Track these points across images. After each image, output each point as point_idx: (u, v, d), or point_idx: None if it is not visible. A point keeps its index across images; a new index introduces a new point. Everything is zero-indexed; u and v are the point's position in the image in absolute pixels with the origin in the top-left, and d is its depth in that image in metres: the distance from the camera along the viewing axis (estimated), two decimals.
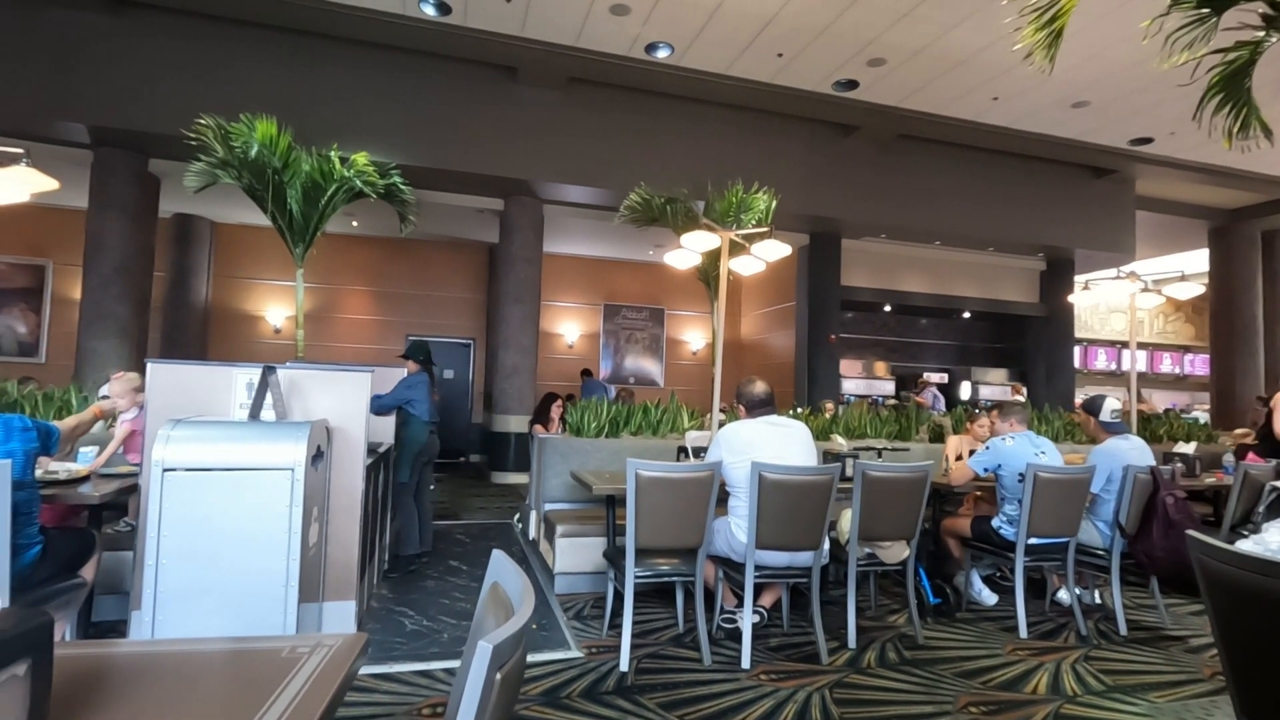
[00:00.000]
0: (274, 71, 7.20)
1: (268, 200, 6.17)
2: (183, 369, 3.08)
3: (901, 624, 3.65)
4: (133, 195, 7.50)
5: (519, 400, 8.66)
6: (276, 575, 2.59)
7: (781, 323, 11.25)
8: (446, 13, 6.73)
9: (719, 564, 3.32)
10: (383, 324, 11.09)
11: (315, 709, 0.97)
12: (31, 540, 2.41)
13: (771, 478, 3.02)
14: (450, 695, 1.17)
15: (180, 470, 2.52)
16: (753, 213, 6.98)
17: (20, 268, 9.39)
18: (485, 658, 0.76)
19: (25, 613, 0.80)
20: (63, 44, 6.64)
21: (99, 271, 7.32)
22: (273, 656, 1.16)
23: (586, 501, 4.46)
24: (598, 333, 12.13)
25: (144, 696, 1.02)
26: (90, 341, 7.27)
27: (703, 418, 5.23)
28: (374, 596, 3.86)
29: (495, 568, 1.18)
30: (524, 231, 8.80)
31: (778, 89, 8.00)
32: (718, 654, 3.15)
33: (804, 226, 9.79)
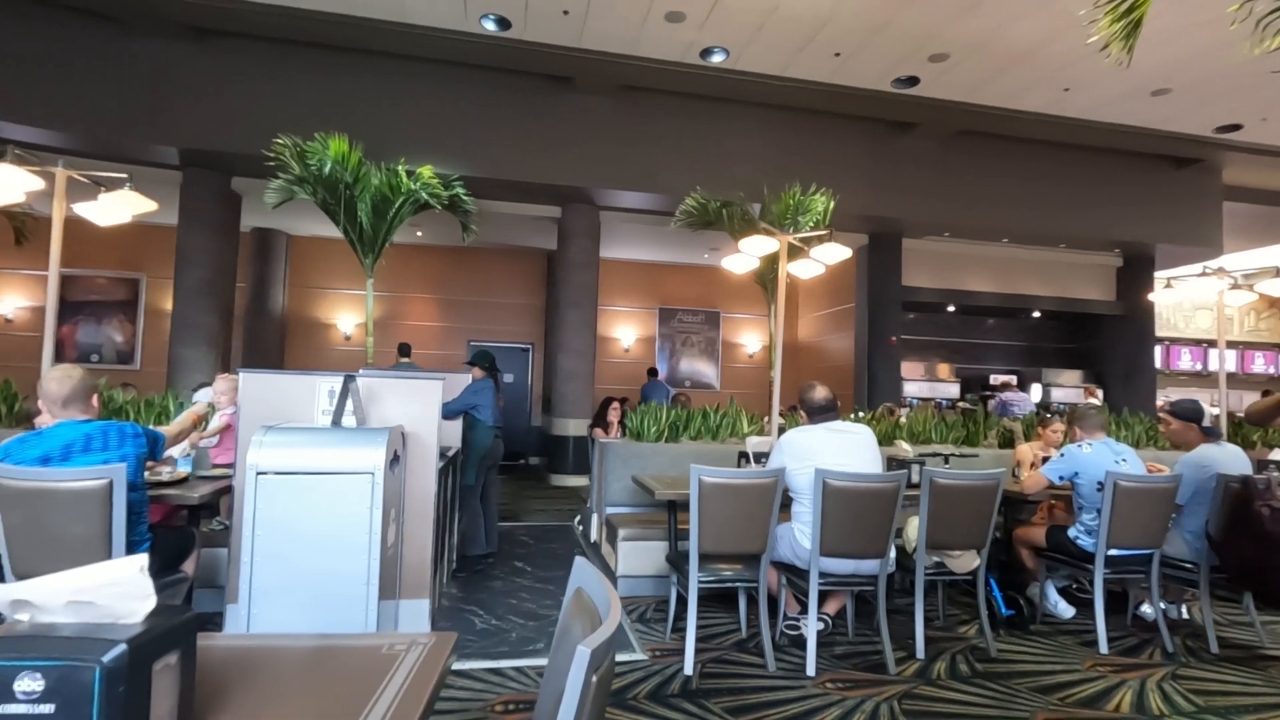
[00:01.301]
0: (345, 91, 7.53)
1: (340, 214, 6.48)
2: (271, 378, 3.27)
3: (972, 635, 3.56)
4: (217, 212, 7.97)
5: (577, 404, 8.79)
6: (358, 574, 2.73)
7: (840, 325, 11.06)
8: (506, 27, 6.91)
9: (782, 570, 3.31)
10: (446, 330, 11.44)
11: (418, 703, 1.04)
12: (142, 537, 2.61)
13: (835, 484, 3.00)
14: (540, 696, 1.23)
15: (271, 473, 2.68)
16: (810, 214, 6.92)
17: (118, 281, 10.10)
18: (584, 661, 0.80)
19: (176, 609, 0.90)
20: (155, 72, 7.12)
21: (187, 284, 7.81)
22: (373, 652, 1.25)
23: (647, 505, 4.51)
24: (653, 336, 12.19)
25: (266, 685, 1.11)
26: (180, 350, 7.76)
27: (762, 422, 5.20)
28: (444, 595, 4.01)
29: (578, 574, 1.23)
30: (581, 238, 8.94)
31: (835, 88, 7.89)
32: (782, 661, 3.14)
33: (863, 227, 9.62)
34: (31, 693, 0.76)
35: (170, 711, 0.86)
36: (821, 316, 11.83)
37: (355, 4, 6.62)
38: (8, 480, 2.35)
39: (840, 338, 11.01)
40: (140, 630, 0.82)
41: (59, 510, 2.38)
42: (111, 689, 0.77)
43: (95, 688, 0.77)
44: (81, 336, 10.00)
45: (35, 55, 6.72)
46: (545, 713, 1.09)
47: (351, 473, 2.72)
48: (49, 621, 0.83)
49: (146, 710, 0.82)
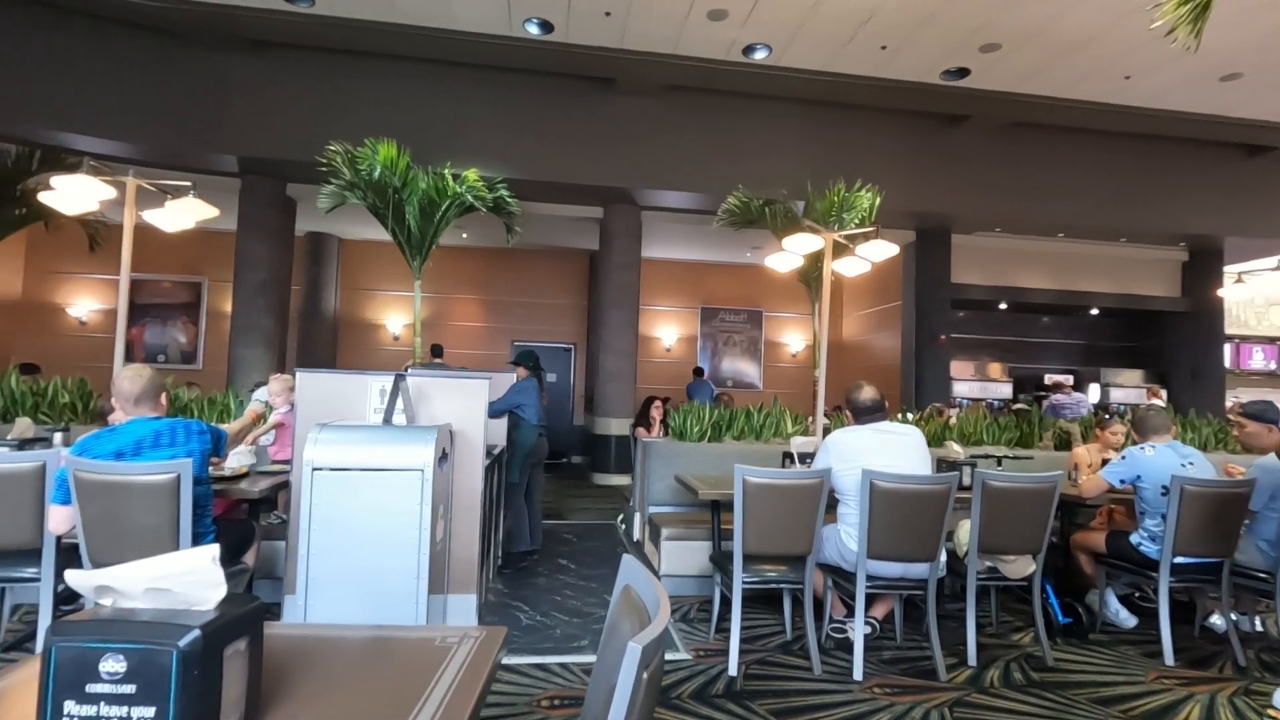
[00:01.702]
0: (393, 97, 7.73)
1: (389, 217, 6.65)
2: (326, 377, 3.38)
3: (1027, 643, 3.45)
4: (273, 217, 8.28)
5: (619, 403, 8.83)
6: (408, 568, 2.80)
7: (886, 323, 10.84)
8: (549, 30, 6.98)
9: (828, 572, 3.27)
10: (490, 330, 11.63)
11: (470, 695, 1.06)
12: (207, 529, 2.73)
13: (883, 486, 2.95)
14: (589, 693, 1.24)
15: (326, 470, 2.77)
16: (855, 211, 6.80)
17: (181, 285, 10.57)
18: (635, 658, 0.81)
19: (244, 598, 0.94)
20: (215, 84, 7.43)
21: (246, 287, 8.12)
22: (427, 645, 1.28)
23: (690, 505, 4.51)
24: (695, 335, 12.16)
25: (325, 673, 1.15)
26: (239, 350, 8.08)
27: (806, 422, 5.14)
28: (490, 591, 4.08)
29: (626, 571, 1.24)
30: (623, 238, 8.97)
31: (881, 82, 7.73)
32: (828, 664, 3.10)
33: (910, 223, 9.40)
34: (115, 673, 0.81)
35: (240, 695, 0.90)
36: (866, 315, 11.62)
37: (404, 13, 6.79)
38: (85, 474, 2.48)
39: (886, 336, 10.80)
40: (213, 617, 0.86)
41: (131, 502, 2.50)
42: (187, 672, 0.81)
43: (172, 670, 0.81)
44: (149, 338, 10.51)
45: (106, 71, 7.08)
46: (595, 709, 1.10)
47: (402, 470, 2.79)
48: (129, 606, 0.88)
49: (218, 693, 0.86)
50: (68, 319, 10.42)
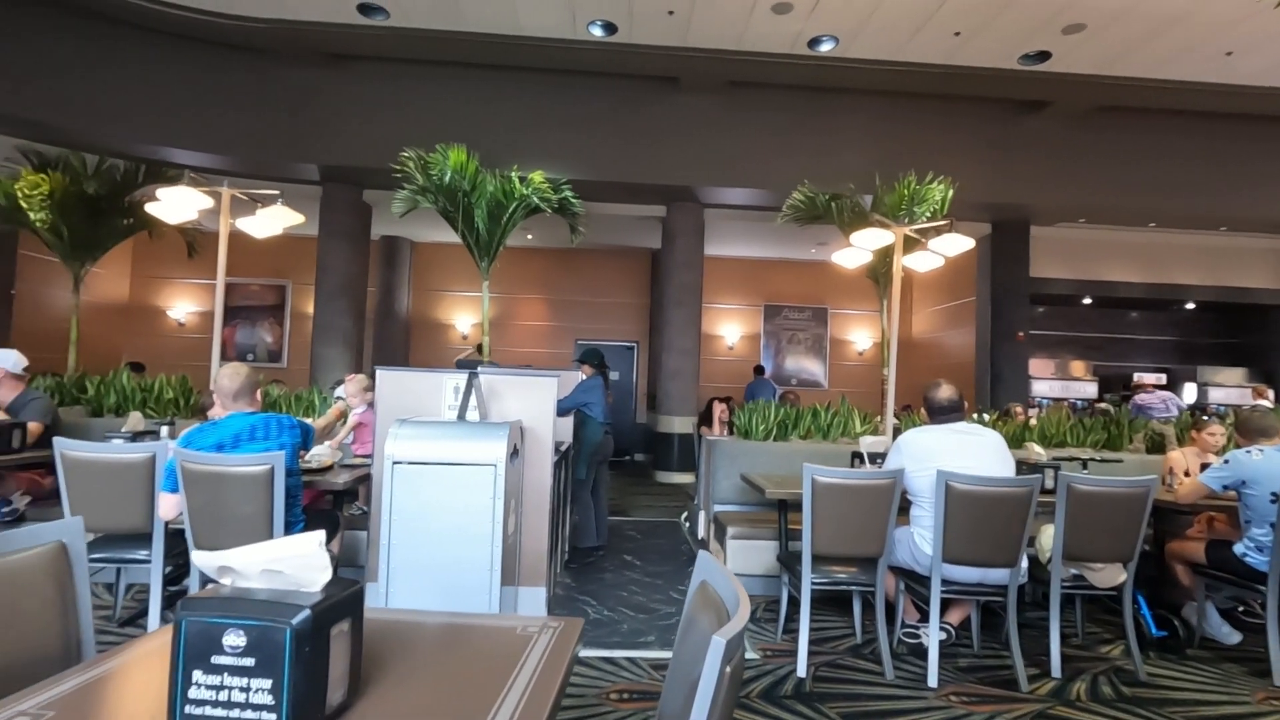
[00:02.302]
0: (462, 103, 7.96)
1: (458, 220, 6.85)
2: (404, 374, 3.53)
3: (1116, 656, 3.28)
4: (351, 223, 8.66)
5: (682, 402, 8.83)
6: (482, 560, 2.89)
7: (958, 320, 10.45)
8: (613, 32, 7.05)
9: (900, 576, 3.19)
10: (554, 329, 11.83)
11: (553, 683, 1.10)
12: (297, 518, 2.89)
13: (960, 488, 2.85)
14: (666, 687, 1.26)
15: (405, 463, 2.90)
16: (927, 205, 6.56)
17: (268, 288, 11.20)
18: (719, 652, 0.82)
19: (346, 582, 1.00)
20: (298, 97, 7.83)
21: (326, 289, 8.54)
22: (509, 633, 1.33)
23: (756, 504, 4.47)
24: (758, 333, 12.03)
25: (416, 655, 1.21)
26: (321, 349, 8.50)
27: (875, 421, 5.02)
28: (558, 584, 4.16)
29: (703, 568, 1.25)
30: (686, 236, 8.96)
31: (954, 70, 7.46)
32: (900, 669, 3.03)
33: (985, 215, 9.02)
34: (236, 647, 0.88)
35: (343, 673, 0.96)
36: (938, 311, 11.22)
37: (471, 22, 6.98)
38: (190, 465, 2.68)
39: (959, 334, 10.40)
40: (321, 598, 0.92)
41: (230, 491, 2.68)
42: (299, 648, 0.88)
43: (286, 646, 0.87)
44: (239, 338, 11.18)
45: (201, 89, 7.57)
46: (674, 704, 1.12)
47: (476, 464, 2.88)
48: (246, 586, 0.95)
49: (326, 669, 0.92)
50: (168, 321, 11.21)
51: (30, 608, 1.28)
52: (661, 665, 3.02)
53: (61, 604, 1.33)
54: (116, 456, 2.92)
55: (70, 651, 1.32)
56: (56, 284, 9.01)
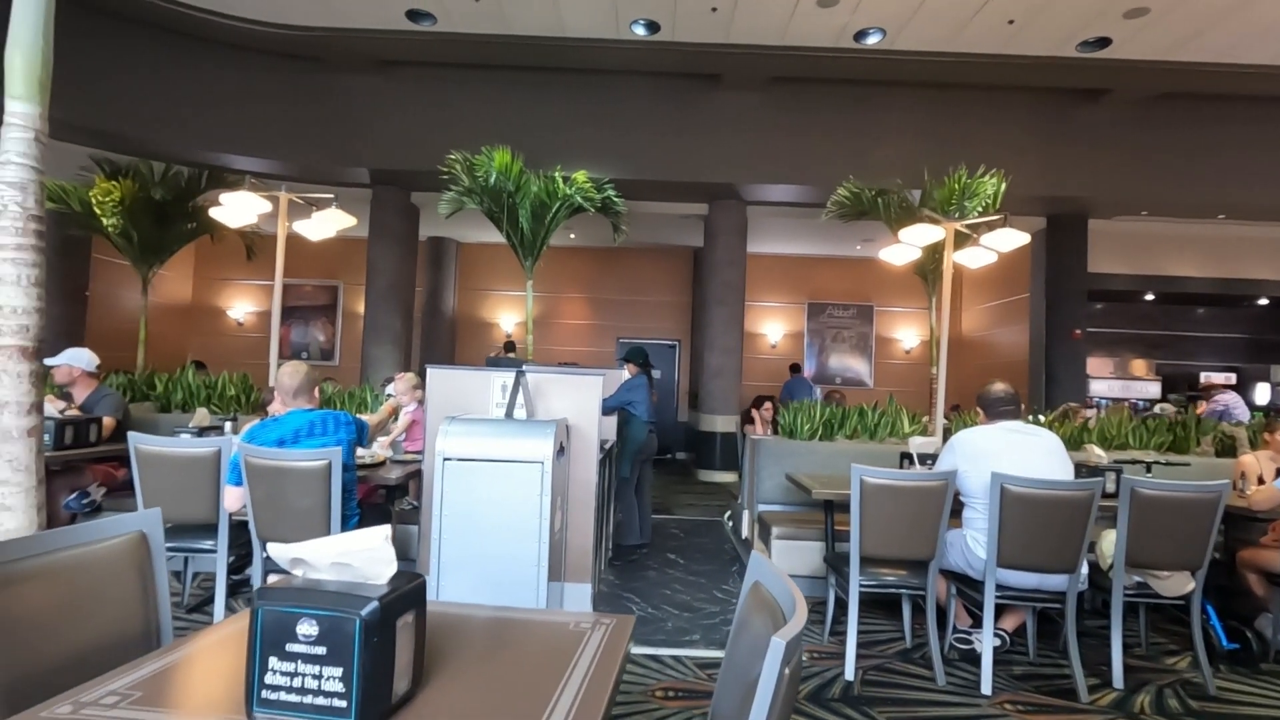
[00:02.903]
0: (506, 105, 8.07)
1: (503, 220, 6.96)
2: (453, 373, 3.60)
3: (1183, 668, 3.14)
4: (400, 225, 8.88)
5: (724, 400, 8.79)
6: (529, 555, 2.93)
7: (1011, 317, 10.13)
8: (655, 30, 7.05)
9: (952, 579, 3.11)
10: (596, 328, 11.90)
11: (607, 680, 1.11)
12: (353, 512, 2.99)
13: (1016, 490, 2.77)
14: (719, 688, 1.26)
15: (455, 460, 2.96)
16: (978, 199, 6.39)
17: (320, 288, 11.56)
18: (779, 653, 0.82)
19: (411, 575, 1.03)
20: (349, 103, 8.06)
21: (376, 290, 8.77)
22: (563, 628, 1.35)
23: (801, 504, 4.43)
24: (802, 331, 11.89)
25: (473, 647, 1.24)
26: (371, 348, 8.74)
27: (924, 421, 4.91)
28: (602, 581, 4.19)
29: (756, 568, 1.25)
30: (728, 235, 8.91)
31: (1007, 59, 7.22)
32: (952, 675, 2.96)
33: (1040, 209, 8.73)
34: (309, 635, 0.92)
35: (408, 662, 0.99)
36: (989, 308, 10.91)
37: (516, 25, 7.07)
38: (254, 459, 2.79)
39: (1011, 331, 10.09)
40: (388, 590, 0.96)
41: (291, 485, 2.78)
42: (368, 638, 0.91)
43: (356, 636, 0.91)
44: (294, 337, 11.56)
45: (258, 97, 7.86)
46: (729, 704, 1.12)
47: (524, 461, 2.93)
48: (316, 578, 0.99)
49: (392, 659, 0.95)
50: (228, 320, 11.67)
51: (115, 593, 1.35)
52: (707, 664, 3.02)
53: (143, 590, 1.40)
54: (185, 451, 3.06)
55: (151, 635, 1.40)
56: (126, 286, 9.47)
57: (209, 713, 0.97)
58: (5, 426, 1.99)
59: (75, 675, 1.16)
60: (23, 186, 1.96)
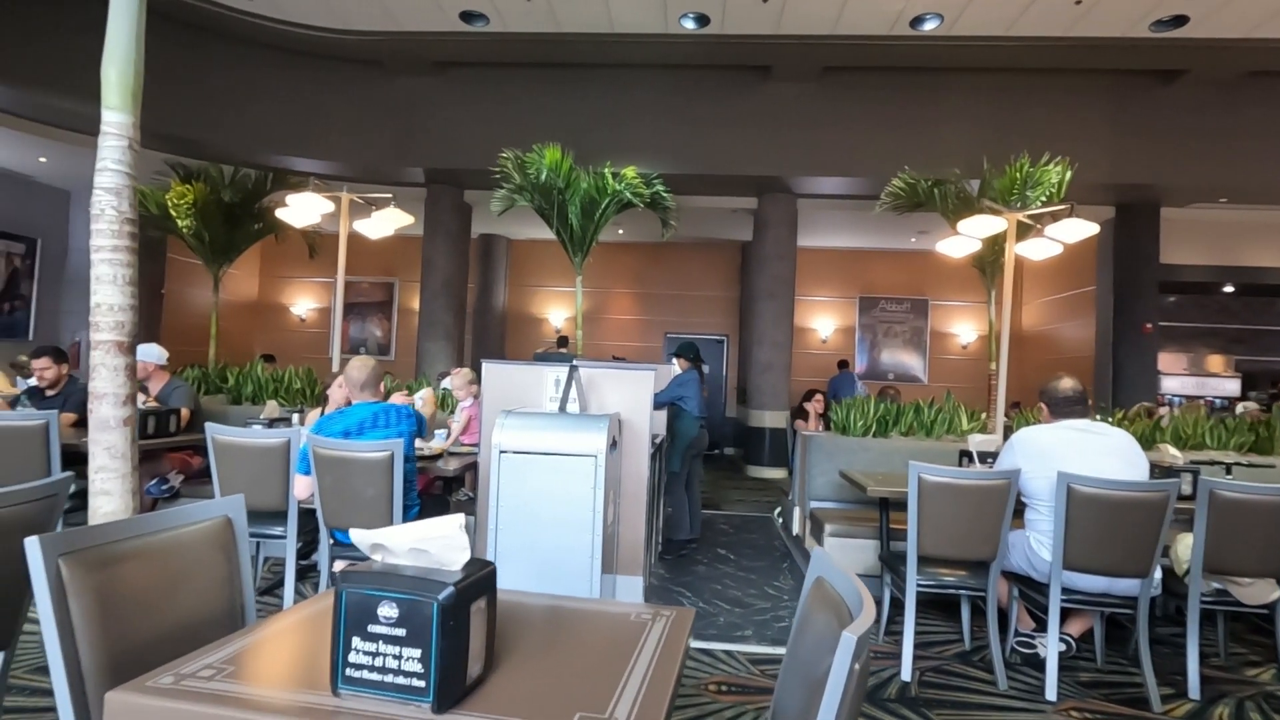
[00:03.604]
0: (556, 102, 8.15)
1: (553, 217, 7.04)
2: (508, 368, 3.67)
3: (1266, 681, 2.98)
4: (453, 223, 9.07)
5: (774, 396, 8.71)
6: (583, 547, 2.98)
7: (1076, 311, 9.73)
8: (705, 24, 7.01)
9: (1014, 581, 3.02)
10: (644, 323, 11.94)
11: (671, 671, 1.13)
12: (413, 502, 3.08)
13: (1084, 491, 2.67)
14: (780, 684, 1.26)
15: (511, 452, 3.02)
16: (1041, 188, 6.16)
17: (377, 285, 11.93)
18: (850, 648, 0.82)
19: (482, 562, 1.06)
20: (405, 104, 8.27)
21: (431, 286, 8.99)
22: (624, 619, 1.37)
23: (854, 502, 4.36)
24: (853, 326, 11.67)
25: (539, 633, 1.27)
26: (425, 343, 8.97)
27: (983, 418, 4.77)
28: (653, 575, 4.22)
29: (818, 564, 1.25)
30: (778, 228, 8.81)
31: (1073, 42, 6.92)
32: (1014, 679, 2.88)
33: (1108, 198, 8.35)
34: (390, 618, 0.96)
35: (481, 647, 1.03)
36: (1051, 302, 10.50)
37: (566, 23, 7.13)
38: (321, 450, 2.91)
39: (1076, 325, 9.69)
40: (462, 576, 0.99)
41: (356, 475, 2.89)
42: (445, 622, 0.95)
43: (434, 619, 0.94)
44: (352, 332, 11.96)
45: (320, 101, 8.14)
46: (793, 701, 1.13)
47: (577, 454, 2.97)
48: (395, 563, 1.04)
49: (466, 642, 0.98)
50: (291, 317, 12.14)
51: (204, 573, 1.44)
52: (760, 660, 3.02)
53: (228, 571, 1.48)
54: (257, 441, 3.21)
55: (236, 614, 1.48)
56: (198, 284, 9.96)
57: (297, 688, 1.02)
58: (104, 416, 2.13)
59: (170, 649, 1.24)
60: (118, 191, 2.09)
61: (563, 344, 8.92)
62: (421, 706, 0.95)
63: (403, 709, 0.95)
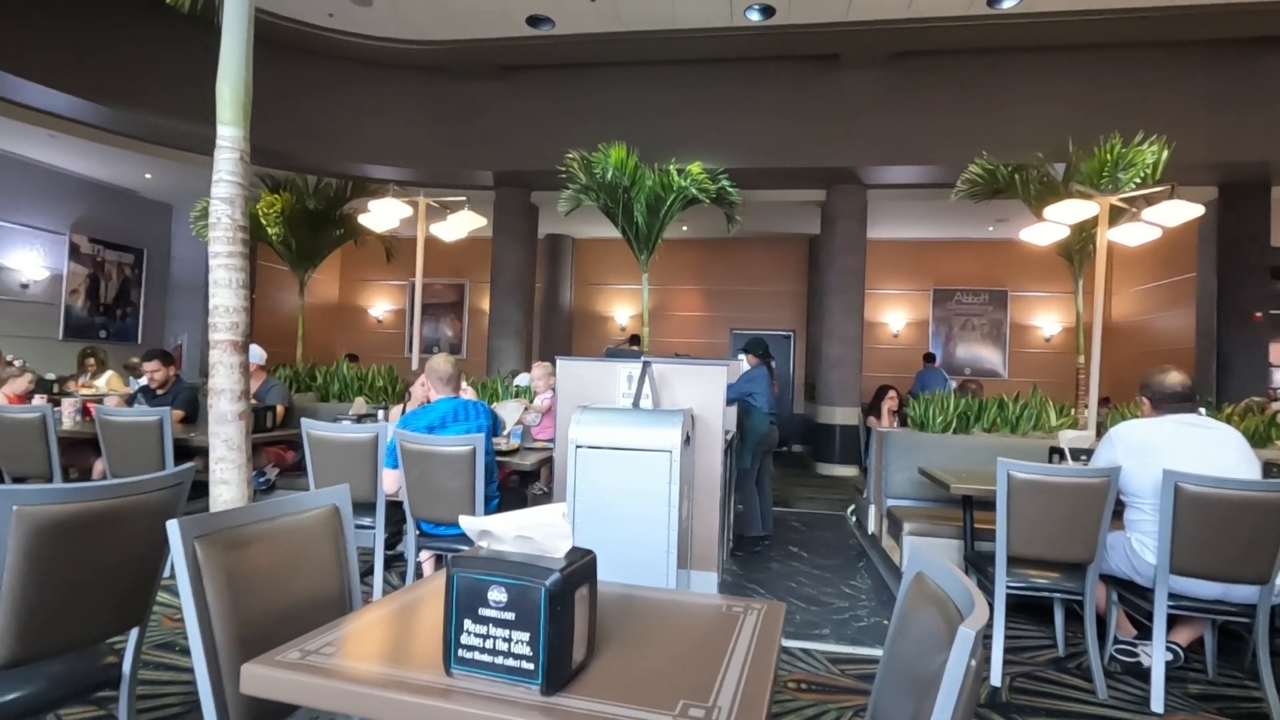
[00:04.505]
0: (621, 101, 8.21)
1: (619, 215, 7.08)
2: (581, 364, 3.73)
3: None
4: (521, 224, 9.27)
5: (844, 392, 8.52)
6: (659, 542, 2.99)
7: (1172, 300, 9.11)
8: (770, 15, 6.91)
9: (1113, 585, 2.87)
10: (709, 319, 11.88)
11: (769, 665, 1.13)
12: (494, 494, 3.18)
13: (1193, 490, 2.50)
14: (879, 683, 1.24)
15: (587, 447, 3.07)
16: (1135, 169, 5.78)
17: (449, 287, 12.31)
18: (967, 643, 0.80)
19: (584, 551, 1.09)
20: (473, 109, 8.50)
21: (500, 286, 9.22)
22: (716, 610, 1.38)
23: (935, 500, 4.23)
24: (927, 320, 11.28)
25: (634, 622, 1.29)
26: (495, 341, 9.21)
27: (1074, 413, 4.53)
28: (726, 571, 4.20)
29: (917, 559, 1.22)
30: (846, 220, 8.61)
31: (1165, 11, 6.48)
32: (1115, 689, 2.73)
33: (1209, 178, 7.78)
34: (499, 601, 1.00)
35: (584, 633, 1.06)
36: (1144, 291, 9.86)
37: (630, 22, 7.17)
38: (407, 444, 3.03)
39: (1173, 315, 9.07)
40: (567, 563, 1.02)
41: (440, 468, 3.00)
42: (552, 607, 0.98)
43: (541, 604, 0.97)
44: (425, 332, 12.38)
45: (395, 109, 8.46)
46: (898, 702, 1.11)
47: (653, 450, 2.99)
48: (501, 549, 1.07)
49: (572, 628, 1.01)
50: (369, 318, 12.68)
51: (316, 557, 1.52)
52: (840, 659, 2.97)
53: (337, 557, 1.57)
54: (348, 435, 3.37)
55: (345, 597, 1.56)
56: (285, 288, 10.52)
57: (412, 667, 1.07)
58: (222, 411, 2.29)
59: (288, 627, 1.33)
60: (232, 201, 2.24)
61: (634, 343, 8.98)
62: (531, 689, 0.98)
63: (512, 690, 0.99)
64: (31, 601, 1.44)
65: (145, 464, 3.64)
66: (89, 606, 1.59)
